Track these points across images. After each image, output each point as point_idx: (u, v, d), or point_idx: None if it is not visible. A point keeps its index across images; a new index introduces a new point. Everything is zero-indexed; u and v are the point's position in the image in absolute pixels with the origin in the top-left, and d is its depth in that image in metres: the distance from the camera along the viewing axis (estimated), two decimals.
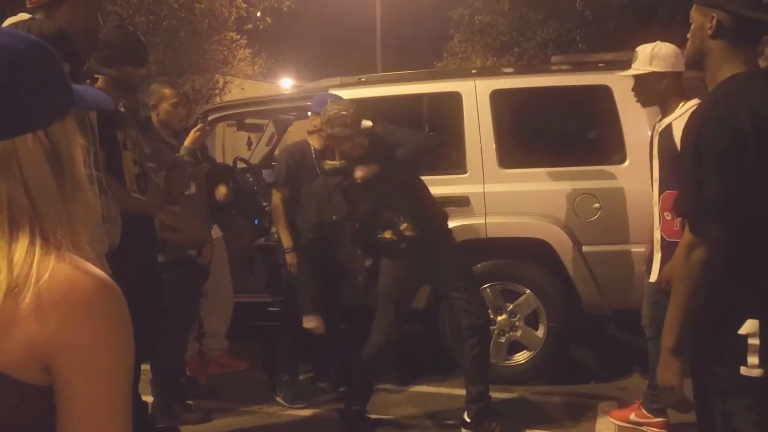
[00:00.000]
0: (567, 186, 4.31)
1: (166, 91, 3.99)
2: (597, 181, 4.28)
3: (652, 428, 3.64)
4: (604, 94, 4.29)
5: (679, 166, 3.17)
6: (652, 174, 3.39)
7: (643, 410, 3.67)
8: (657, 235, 3.35)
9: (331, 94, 4.33)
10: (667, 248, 3.20)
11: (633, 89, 3.48)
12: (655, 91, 3.35)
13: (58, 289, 0.83)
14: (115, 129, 3.19)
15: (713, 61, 1.88)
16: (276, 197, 4.27)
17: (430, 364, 4.66)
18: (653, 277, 3.34)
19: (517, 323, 4.38)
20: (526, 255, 4.36)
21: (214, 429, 3.90)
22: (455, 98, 4.54)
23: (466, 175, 4.44)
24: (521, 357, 4.41)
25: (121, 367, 0.87)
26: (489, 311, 3.90)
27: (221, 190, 4.32)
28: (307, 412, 4.13)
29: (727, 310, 1.79)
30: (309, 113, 4.41)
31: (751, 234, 1.77)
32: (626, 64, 3.77)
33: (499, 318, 4.36)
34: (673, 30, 14.75)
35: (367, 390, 3.84)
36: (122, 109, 3.32)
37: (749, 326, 1.74)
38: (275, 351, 4.48)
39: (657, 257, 3.33)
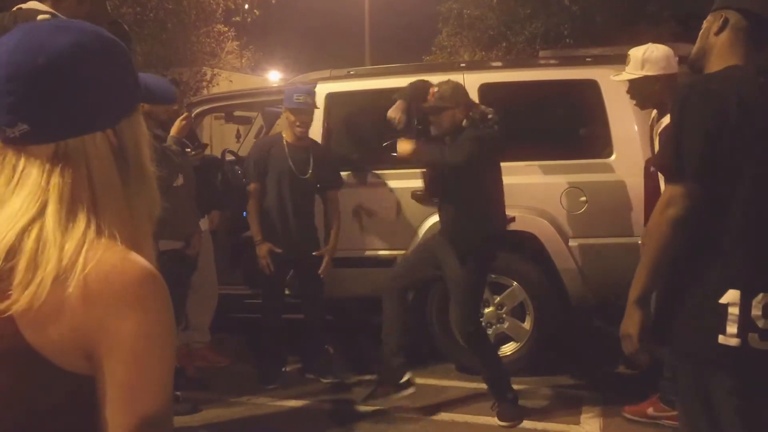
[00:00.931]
0: (554, 179, 4.34)
1: None
2: (584, 174, 4.31)
3: (670, 421, 3.48)
4: (591, 88, 4.32)
5: None
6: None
7: (662, 404, 3.61)
8: None
9: (300, 87, 4.39)
10: None
11: (628, 92, 3.51)
12: (650, 94, 3.38)
13: (103, 278, 0.84)
14: None
15: (713, 57, 1.93)
16: (248, 192, 4.39)
17: (419, 356, 4.68)
18: None
19: (504, 315, 4.42)
20: (513, 247, 4.39)
21: (201, 420, 3.90)
22: None
23: None
24: (508, 348, 4.45)
25: (163, 356, 0.87)
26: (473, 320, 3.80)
27: None
28: (294, 403, 4.15)
29: (709, 279, 1.83)
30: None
31: (732, 208, 1.81)
32: (614, 59, 3.81)
33: (487, 310, 4.40)
34: (660, 25, 14.86)
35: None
36: None
37: (730, 296, 1.78)
38: (261, 342, 4.51)
39: None
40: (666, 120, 3.29)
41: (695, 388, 1.88)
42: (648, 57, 3.33)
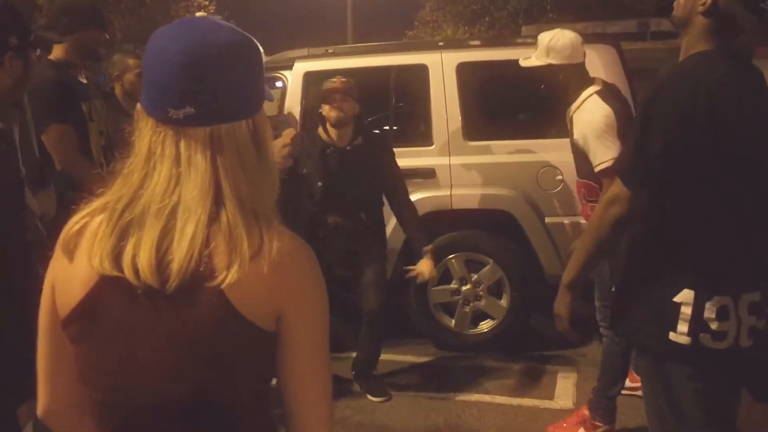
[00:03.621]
0: (531, 158, 4.37)
1: (130, 61, 3.95)
2: (560, 153, 4.33)
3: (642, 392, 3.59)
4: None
5: (578, 155, 3.22)
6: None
7: (635, 374, 3.57)
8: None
9: None
10: None
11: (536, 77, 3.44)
12: (556, 82, 3.25)
13: (287, 254, 1.02)
14: (79, 101, 3.16)
15: (693, 33, 1.89)
16: None
17: (397, 333, 4.73)
18: None
19: (481, 293, 4.47)
20: (490, 226, 4.43)
21: None
22: (422, 70, 4.55)
23: (432, 147, 4.48)
24: (485, 326, 4.51)
25: (328, 314, 1.09)
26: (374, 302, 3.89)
27: None
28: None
29: (665, 276, 1.86)
30: None
31: (693, 208, 1.82)
32: (596, 38, 3.79)
33: (464, 288, 4.45)
34: (643, 0, 14.83)
35: None
36: (84, 81, 3.28)
37: (684, 296, 1.81)
38: None
39: None
40: (570, 110, 3.22)
41: (655, 374, 1.93)
42: (553, 45, 3.16)
